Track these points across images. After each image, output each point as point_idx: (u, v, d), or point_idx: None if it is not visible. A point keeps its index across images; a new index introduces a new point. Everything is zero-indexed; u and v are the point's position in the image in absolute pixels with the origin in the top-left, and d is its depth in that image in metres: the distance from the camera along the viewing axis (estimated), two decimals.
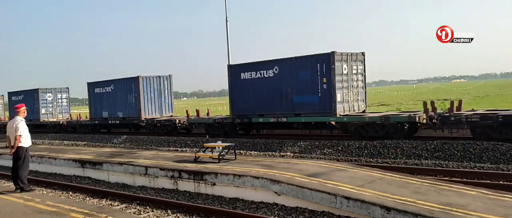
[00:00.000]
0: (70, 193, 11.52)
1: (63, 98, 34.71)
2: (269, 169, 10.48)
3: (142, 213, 9.17)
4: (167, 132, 24.26)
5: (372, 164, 13.07)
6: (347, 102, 18.31)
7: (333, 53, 17.44)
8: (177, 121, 24.29)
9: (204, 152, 13.04)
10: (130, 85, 26.29)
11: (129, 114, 26.57)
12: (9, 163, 11.30)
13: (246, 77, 20.56)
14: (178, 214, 8.85)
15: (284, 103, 19.25)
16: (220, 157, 12.02)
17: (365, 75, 19.32)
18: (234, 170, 10.45)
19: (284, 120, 19.25)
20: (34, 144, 19.96)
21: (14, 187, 9.64)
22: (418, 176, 10.57)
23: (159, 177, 11.68)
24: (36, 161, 15.84)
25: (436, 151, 13.65)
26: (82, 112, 40.51)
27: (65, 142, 24.92)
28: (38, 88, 33.52)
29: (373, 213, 7.20)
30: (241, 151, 16.21)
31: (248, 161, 12.16)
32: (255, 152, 16.38)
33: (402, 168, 11.89)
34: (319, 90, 18.06)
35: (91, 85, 29.29)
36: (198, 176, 10.76)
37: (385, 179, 9.17)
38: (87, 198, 10.81)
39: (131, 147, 20.12)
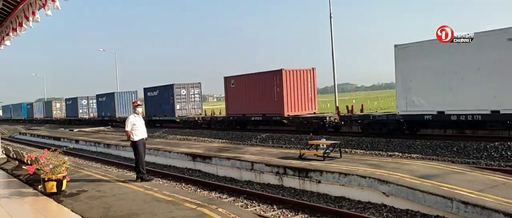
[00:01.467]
0: (183, 184, 12.30)
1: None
2: (376, 169, 10.10)
3: (249, 206, 9.44)
4: (312, 130, 21.74)
5: (493, 167, 11.90)
6: None
7: None
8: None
9: (308, 149, 13.01)
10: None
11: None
12: (131, 155, 12.44)
13: None
14: (283, 210, 8.95)
15: None
16: (325, 155, 11.89)
17: None
18: (340, 168, 10.26)
19: None
20: (151, 138, 21.68)
21: (136, 176, 10.54)
22: None
23: (264, 172, 11.91)
24: (153, 153, 17.17)
25: None
26: (215, 108, 39.99)
27: (177, 136, 26.64)
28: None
29: None
30: (346, 149, 15.86)
31: (354, 159, 11.86)
32: (361, 151, 15.92)
33: None
34: None
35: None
36: (303, 173, 10.77)
37: (510, 184, 8.29)
38: (198, 190, 11.44)
39: (237, 143, 20.84)
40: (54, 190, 8.58)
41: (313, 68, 24.86)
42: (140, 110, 10.47)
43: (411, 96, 17.17)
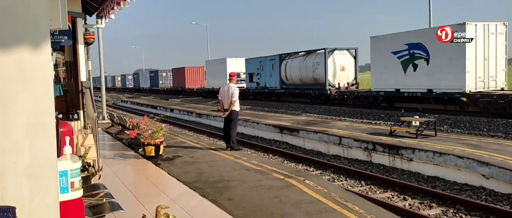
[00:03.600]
0: (271, 155, 12.53)
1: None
2: (476, 149, 9.43)
3: (336, 180, 9.38)
4: (321, 102, 24.98)
5: None
6: None
7: None
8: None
9: (400, 126, 12.50)
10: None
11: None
12: (221, 125, 12.91)
13: None
14: (372, 186, 8.76)
15: None
16: (418, 132, 11.33)
17: None
18: (434, 147, 9.73)
19: None
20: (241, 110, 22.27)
21: (226, 145, 10.93)
22: None
23: (352, 147, 11.71)
24: (242, 124, 17.65)
25: None
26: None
27: (265, 108, 27.02)
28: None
29: None
30: (441, 128, 14.97)
31: (450, 138, 11.17)
32: (458, 130, 14.93)
33: None
34: None
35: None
36: (393, 150, 10.40)
37: None
38: (285, 161, 11.59)
39: (325, 117, 20.65)
40: (153, 153, 9.23)
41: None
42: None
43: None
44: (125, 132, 12.56)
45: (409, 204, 7.58)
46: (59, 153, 2.57)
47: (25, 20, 2.01)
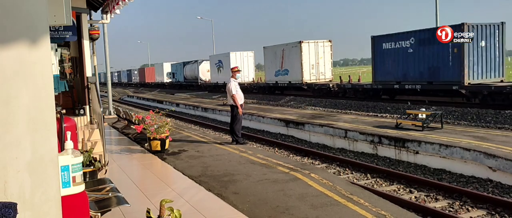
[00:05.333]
0: (276, 149, 12.54)
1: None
2: (482, 141, 9.37)
3: (341, 174, 9.37)
4: (322, 95, 25.08)
5: None
6: None
7: None
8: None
9: (406, 118, 12.44)
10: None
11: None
12: (226, 119, 12.97)
13: None
14: (378, 179, 8.74)
15: None
16: (425, 125, 11.27)
17: None
18: (441, 140, 9.68)
19: None
20: (246, 103, 22.27)
21: (231, 139, 10.96)
22: None
23: (358, 140, 11.68)
24: (247, 118, 17.66)
25: None
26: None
27: (264, 101, 27.00)
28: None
29: None
30: (448, 120, 14.88)
31: (456, 131, 11.11)
32: (465, 122, 14.83)
33: None
34: None
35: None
36: (399, 142, 10.36)
37: None
38: (291, 155, 11.59)
39: (330, 110, 20.60)
40: (158, 148, 9.27)
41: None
42: (239, 75, 10.67)
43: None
44: (131, 126, 12.62)
45: (415, 197, 7.56)
46: (62, 148, 2.59)
47: (24, 16, 2.01)
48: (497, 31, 18.30)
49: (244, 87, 31.39)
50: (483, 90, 17.10)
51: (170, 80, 51.53)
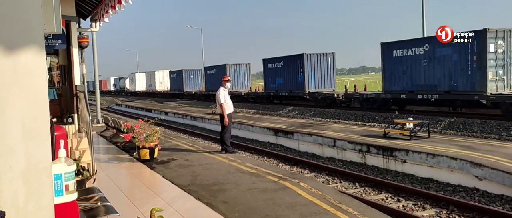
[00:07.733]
0: (265, 158, 12.56)
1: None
2: (469, 150, 9.51)
3: (330, 182, 9.43)
4: (327, 105, 24.99)
5: None
6: None
7: None
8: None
9: (394, 128, 12.58)
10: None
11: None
12: (216, 128, 12.98)
13: None
14: (366, 188, 8.81)
15: None
16: (412, 134, 11.41)
17: None
18: (428, 149, 9.81)
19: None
20: (236, 112, 22.27)
21: (220, 148, 10.95)
22: None
23: (347, 149, 11.77)
24: (237, 127, 17.68)
25: None
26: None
27: (260, 111, 27.10)
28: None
29: None
30: (435, 130, 15.07)
31: (443, 140, 11.26)
32: (451, 132, 15.04)
33: None
34: None
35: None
36: (387, 151, 10.47)
37: None
38: (280, 164, 11.62)
39: (319, 119, 20.72)
40: (147, 157, 9.22)
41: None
42: (229, 85, 10.68)
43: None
44: (120, 135, 12.53)
45: (403, 206, 7.63)
46: (54, 157, 2.59)
47: (19, 25, 2.03)
48: None
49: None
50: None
51: (114, 89, 78.60)
